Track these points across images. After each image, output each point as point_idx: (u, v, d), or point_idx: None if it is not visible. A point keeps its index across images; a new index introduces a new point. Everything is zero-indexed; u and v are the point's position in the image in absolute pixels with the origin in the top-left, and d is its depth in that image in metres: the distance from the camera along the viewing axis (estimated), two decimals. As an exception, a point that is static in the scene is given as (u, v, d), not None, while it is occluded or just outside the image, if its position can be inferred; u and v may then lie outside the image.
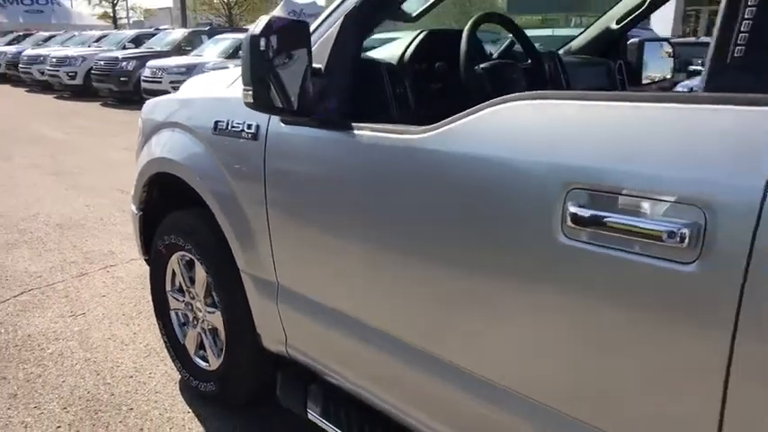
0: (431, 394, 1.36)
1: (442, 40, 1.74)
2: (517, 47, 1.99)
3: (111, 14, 52.35)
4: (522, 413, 1.15)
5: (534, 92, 1.10)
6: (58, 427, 2.14)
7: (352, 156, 1.39)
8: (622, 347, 0.96)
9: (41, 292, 3.30)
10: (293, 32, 1.30)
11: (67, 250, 3.96)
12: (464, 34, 1.60)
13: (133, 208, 2.50)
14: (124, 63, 12.84)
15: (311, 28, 1.56)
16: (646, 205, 0.89)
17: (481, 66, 1.60)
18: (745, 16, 0.84)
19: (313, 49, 1.50)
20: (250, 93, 1.27)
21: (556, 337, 1.06)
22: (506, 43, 1.93)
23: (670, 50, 2.79)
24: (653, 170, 0.89)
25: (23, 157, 7.17)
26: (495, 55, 1.89)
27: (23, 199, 5.25)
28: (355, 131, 1.37)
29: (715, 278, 0.84)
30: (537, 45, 2.06)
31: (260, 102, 1.29)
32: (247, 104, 1.32)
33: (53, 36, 20.13)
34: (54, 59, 14.88)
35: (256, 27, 1.24)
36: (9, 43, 21.00)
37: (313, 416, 1.71)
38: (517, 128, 1.08)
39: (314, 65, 1.45)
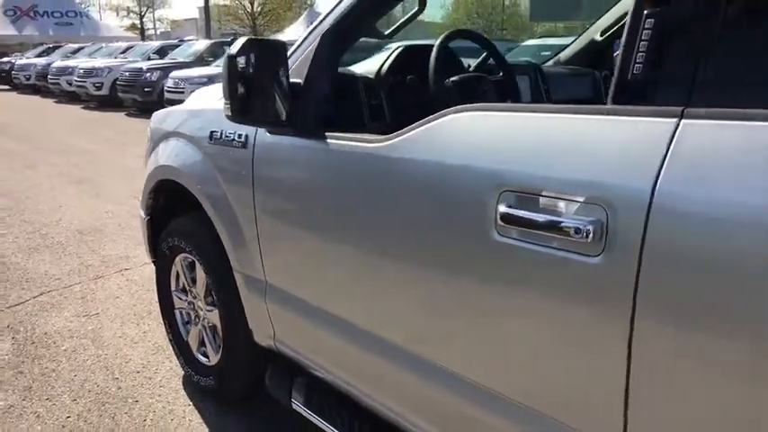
0: (404, 386, 1.47)
1: (417, 55, 1.86)
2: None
3: (139, 26, 53.56)
4: (478, 401, 1.25)
5: (478, 104, 1.21)
6: (68, 417, 2.29)
7: (325, 162, 1.52)
8: (545, 330, 1.07)
9: (59, 293, 3.48)
10: (270, 51, 1.43)
11: (86, 254, 4.15)
12: (434, 50, 1.73)
13: (142, 213, 2.65)
14: (148, 74, 13.19)
15: (294, 45, 1.70)
16: (561, 205, 1.00)
17: (450, 79, 1.71)
18: (643, 38, 0.95)
19: (295, 64, 1.64)
20: (228, 106, 1.41)
21: (497, 324, 1.17)
22: (482, 57, 2.05)
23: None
24: (565, 174, 1.00)
25: (48, 166, 7.45)
26: (472, 68, 2.01)
27: (47, 206, 5.49)
28: (328, 140, 1.50)
29: (617, 268, 0.94)
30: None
31: (236, 115, 1.42)
32: (227, 117, 1.46)
33: (81, 48, 20.72)
34: (81, 71, 15.34)
35: (234, 47, 1.37)
36: (39, 55, 21.67)
37: (297, 405, 1.84)
38: (460, 136, 1.20)
39: (294, 79, 1.59)
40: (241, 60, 1.40)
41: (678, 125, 0.89)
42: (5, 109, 15.43)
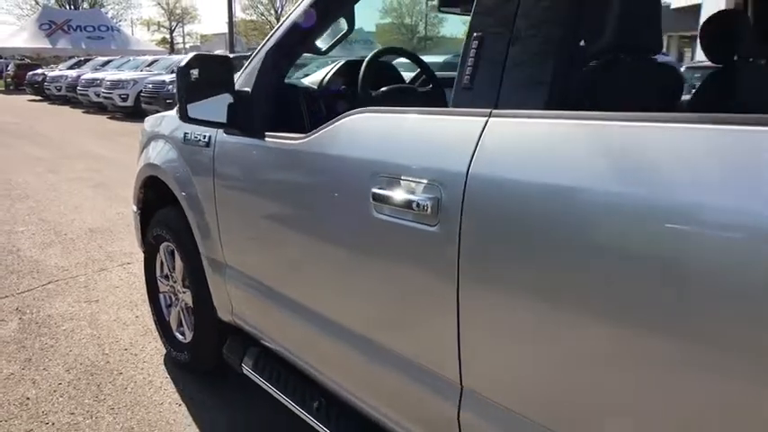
0: (325, 350, 1.73)
1: (355, 69, 2.14)
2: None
3: (169, 40, 54.98)
4: (377, 358, 1.51)
5: (371, 107, 1.49)
6: (59, 383, 2.60)
7: (263, 157, 1.81)
8: (405, 286, 1.33)
9: (65, 282, 3.82)
10: (216, 65, 1.73)
11: (93, 250, 4.50)
12: (363, 64, 2.01)
13: (133, 207, 2.97)
14: (171, 86, 13.71)
15: (248, 60, 2.00)
16: (412, 186, 1.27)
17: (379, 90, 1.99)
18: (470, 55, 1.22)
19: (243, 75, 1.94)
20: (178, 108, 1.71)
21: (371, 280, 1.44)
22: (417, 72, 2.33)
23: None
24: (416, 162, 1.27)
25: (70, 171, 7.89)
26: (409, 80, 2.29)
27: (64, 207, 5.88)
28: (266, 138, 1.79)
29: (447, 235, 1.21)
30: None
31: (183, 116, 1.72)
32: (179, 117, 1.75)
33: (110, 61, 21.49)
34: (108, 83, 15.99)
35: (183, 61, 1.67)
36: (70, 68, 22.52)
37: (246, 370, 2.12)
38: (353, 133, 1.48)
39: (244, 88, 1.89)
40: (192, 72, 1.70)
41: (487, 122, 1.16)
42: (35, 118, 16.11)
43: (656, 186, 0.89)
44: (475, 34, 1.21)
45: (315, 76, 2.24)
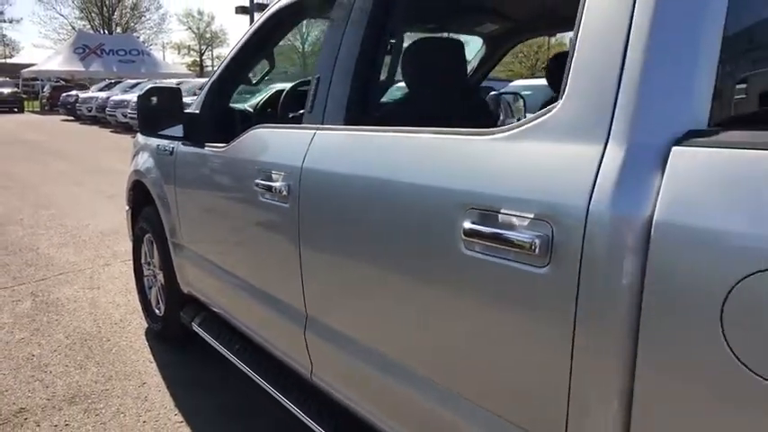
0: (254, 310, 2.31)
1: (279, 95, 2.77)
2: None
3: (199, 63, 56.83)
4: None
5: (269, 123, 2.11)
6: (59, 346, 3.24)
7: (202, 161, 2.44)
8: (269, 248, 1.91)
9: (74, 274, 4.49)
10: (168, 95, 2.37)
11: (102, 249, 5.18)
12: (283, 93, 2.64)
13: (126, 206, 3.63)
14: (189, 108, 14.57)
15: (206, 85, 2.64)
16: (274, 176, 1.88)
17: (291, 114, 2.62)
18: (311, 90, 1.83)
19: (197, 100, 2.58)
20: (140, 126, 2.36)
21: (259, 246, 2.04)
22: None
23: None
24: (276, 159, 1.88)
25: (92, 184, 8.68)
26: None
27: (83, 214, 6.61)
28: (205, 147, 2.42)
29: (293, 211, 1.80)
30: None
31: (142, 131, 2.36)
32: (140, 132, 2.40)
33: (138, 83, 22.64)
34: (133, 104, 16.98)
35: (142, 91, 2.32)
36: (101, 89, 23.76)
37: (195, 327, 2.73)
38: (252, 143, 2.09)
39: (194, 110, 2.53)
40: (151, 100, 2.34)
41: (315, 134, 1.77)
42: (66, 136, 17.17)
43: (400, 173, 1.45)
44: (316, 75, 1.83)
45: (255, 99, 2.88)
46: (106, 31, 41.91)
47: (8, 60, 51.72)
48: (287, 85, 2.88)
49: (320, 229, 1.72)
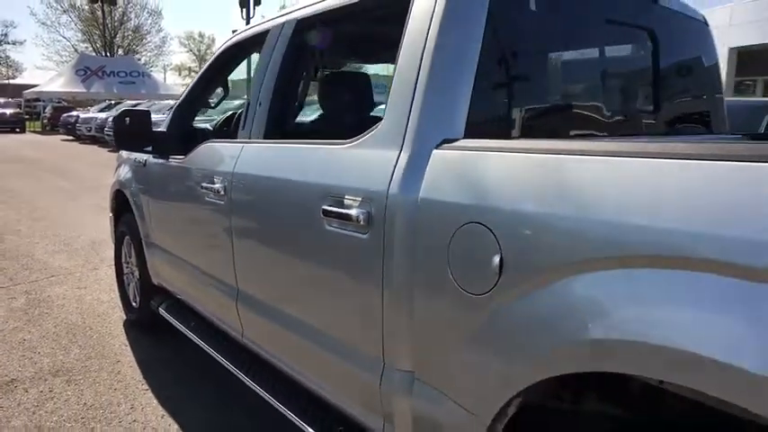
0: (205, 291, 2.81)
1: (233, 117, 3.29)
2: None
3: (198, 84, 57.52)
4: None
5: (214, 139, 2.62)
6: (47, 333, 3.72)
7: (166, 170, 2.95)
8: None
9: (64, 276, 4.99)
10: (138, 117, 2.88)
11: (91, 256, 5.68)
12: (235, 116, 3.16)
13: (109, 212, 4.14)
14: (185, 128, 15.16)
15: (174, 107, 3.16)
16: (215, 179, 2.39)
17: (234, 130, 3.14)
18: (245, 110, 2.35)
19: (167, 120, 3.10)
20: (115, 142, 2.87)
21: (204, 236, 2.54)
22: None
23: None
24: (214, 167, 2.40)
25: (87, 198, 9.19)
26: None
27: (76, 225, 7.11)
28: (169, 159, 2.93)
29: (230, 205, 2.31)
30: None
31: (118, 146, 2.87)
32: (117, 146, 2.91)
33: (138, 104, 23.28)
34: (132, 124, 17.56)
35: (117, 113, 2.83)
36: (101, 110, 24.41)
37: (162, 312, 3.22)
38: (201, 155, 2.60)
39: (162, 129, 3.05)
40: (125, 120, 2.85)
41: (244, 146, 2.28)
42: (65, 156, 17.74)
43: (290, 173, 1.97)
44: (247, 100, 2.35)
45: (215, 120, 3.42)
46: (108, 54, 42.81)
47: (11, 81, 52.66)
48: (240, 108, 3.42)
49: (245, 220, 2.23)
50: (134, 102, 24.57)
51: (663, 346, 0.94)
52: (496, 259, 1.23)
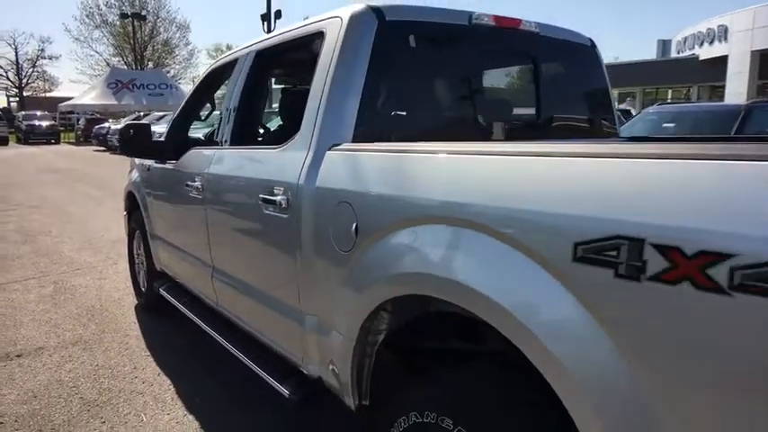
0: (190, 271, 3.40)
1: None
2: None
3: (225, 95, 58.95)
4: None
5: (199, 146, 3.22)
6: (70, 314, 4.37)
7: (164, 173, 3.57)
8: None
9: (87, 269, 5.66)
10: (140, 130, 3.49)
11: (112, 252, 6.36)
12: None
13: (124, 211, 4.79)
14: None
15: (171, 120, 3.78)
16: (196, 179, 2.98)
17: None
18: (219, 123, 2.95)
19: (165, 132, 3.72)
20: (120, 150, 3.49)
21: (192, 228, 3.14)
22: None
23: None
24: (196, 169, 2.99)
25: (112, 204, 9.94)
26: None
27: (100, 227, 7.83)
28: (166, 163, 3.54)
29: (203, 196, 2.90)
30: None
31: (123, 153, 3.49)
32: (121, 152, 3.53)
33: (164, 115, 24.28)
34: (157, 134, 18.44)
35: (121, 126, 3.45)
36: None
37: (162, 292, 3.83)
38: (190, 158, 3.20)
39: (160, 139, 3.67)
40: (128, 132, 3.47)
41: (216, 152, 2.87)
42: (96, 165, 18.73)
43: (242, 171, 2.55)
44: (220, 114, 2.94)
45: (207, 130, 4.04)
46: (139, 67, 44.34)
47: (47, 95, 54.83)
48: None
49: (215, 210, 2.81)
50: (161, 113, 25.57)
51: (439, 276, 1.48)
52: (354, 226, 1.79)
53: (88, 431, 2.73)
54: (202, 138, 3.95)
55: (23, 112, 36.26)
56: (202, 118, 3.82)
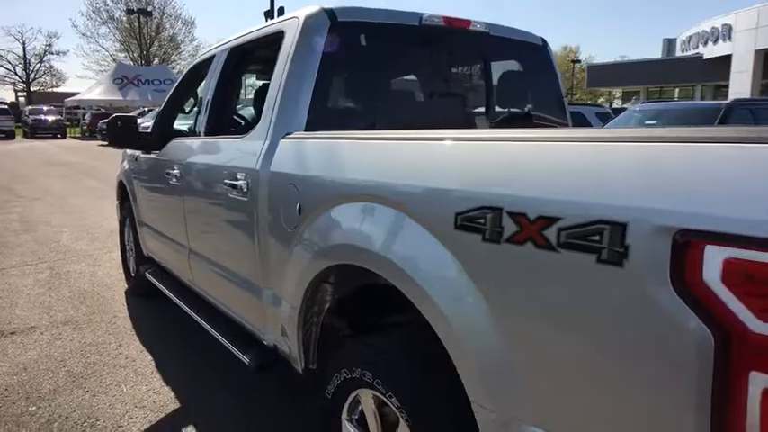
0: (170, 253, 3.62)
1: None
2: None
3: (231, 91, 59.22)
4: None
5: (180, 137, 3.44)
6: (63, 297, 4.61)
7: (148, 162, 3.79)
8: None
9: (83, 257, 5.90)
10: (126, 121, 3.71)
11: (108, 242, 6.59)
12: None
13: (116, 200, 5.02)
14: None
15: (158, 112, 4.00)
16: (174, 168, 3.20)
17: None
18: (201, 111, 3.16)
19: (149, 124, 3.94)
20: (108, 139, 3.72)
21: (171, 213, 3.36)
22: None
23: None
24: (175, 158, 3.21)
25: (112, 195, 10.14)
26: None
27: (100, 218, 8.08)
28: (151, 153, 3.76)
29: (180, 183, 3.12)
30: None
31: (110, 144, 3.71)
32: (109, 144, 3.75)
33: (168, 111, 24.55)
34: (161, 130, 18.74)
35: (110, 119, 3.67)
36: (136, 117, 25.72)
37: (147, 275, 4.05)
38: (171, 148, 3.42)
39: (146, 130, 3.89)
40: (116, 123, 3.69)
41: (193, 142, 3.09)
42: (100, 159, 19.00)
43: (211, 159, 2.77)
44: (198, 107, 3.15)
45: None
46: (145, 63, 44.68)
47: (54, 90, 55.30)
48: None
49: (190, 195, 3.03)
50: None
51: (356, 245, 1.70)
52: (298, 206, 2.00)
53: (72, 399, 2.96)
54: (186, 130, 4.17)
55: (30, 107, 36.63)
56: (186, 111, 4.04)
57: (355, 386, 1.80)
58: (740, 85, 27.13)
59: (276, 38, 2.54)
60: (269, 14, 24.76)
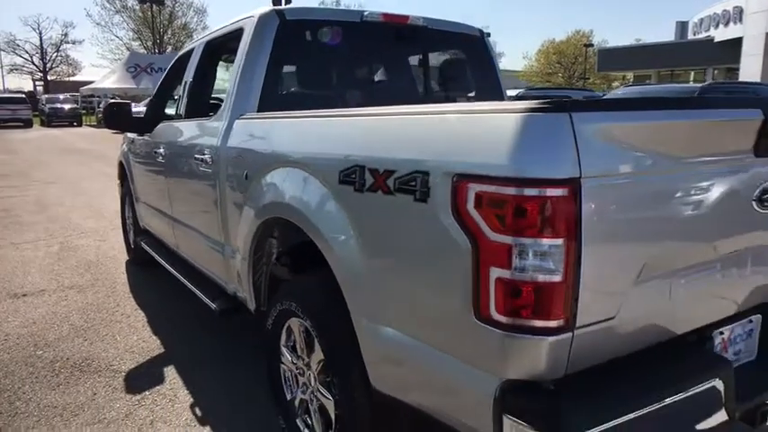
0: (159, 224, 4.09)
1: None
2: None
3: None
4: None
5: (168, 121, 3.90)
6: (71, 265, 5.12)
7: (141, 143, 4.25)
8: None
9: (91, 233, 6.42)
10: (121, 106, 4.17)
11: (115, 220, 7.10)
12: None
13: (117, 179, 5.52)
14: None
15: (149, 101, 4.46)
16: (160, 148, 3.66)
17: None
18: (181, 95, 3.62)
19: (143, 109, 4.40)
20: (104, 122, 4.18)
21: (159, 189, 3.83)
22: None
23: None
24: (162, 141, 3.67)
25: (122, 180, 10.74)
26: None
27: (109, 199, 8.59)
28: (144, 135, 4.23)
29: (164, 163, 3.58)
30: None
31: (106, 126, 4.17)
32: (106, 126, 4.22)
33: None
34: (171, 117, 19.29)
35: (104, 105, 4.12)
36: (147, 105, 26.31)
37: (143, 246, 4.53)
38: (160, 131, 3.87)
39: (139, 115, 4.35)
40: (112, 109, 4.15)
41: (176, 124, 3.54)
42: (113, 145, 19.55)
43: (185, 139, 3.22)
44: (179, 93, 3.60)
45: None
46: (158, 51, 45.32)
47: (70, 78, 56.18)
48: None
49: (171, 170, 3.49)
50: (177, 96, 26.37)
51: (278, 201, 2.15)
52: (245, 173, 2.45)
53: (72, 346, 3.46)
54: (174, 113, 4.63)
55: (46, 96, 37.44)
56: (174, 97, 4.49)
57: (287, 316, 2.25)
58: (751, 68, 27.03)
59: (237, 34, 2.98)
60: (277, 2, 25.17)
